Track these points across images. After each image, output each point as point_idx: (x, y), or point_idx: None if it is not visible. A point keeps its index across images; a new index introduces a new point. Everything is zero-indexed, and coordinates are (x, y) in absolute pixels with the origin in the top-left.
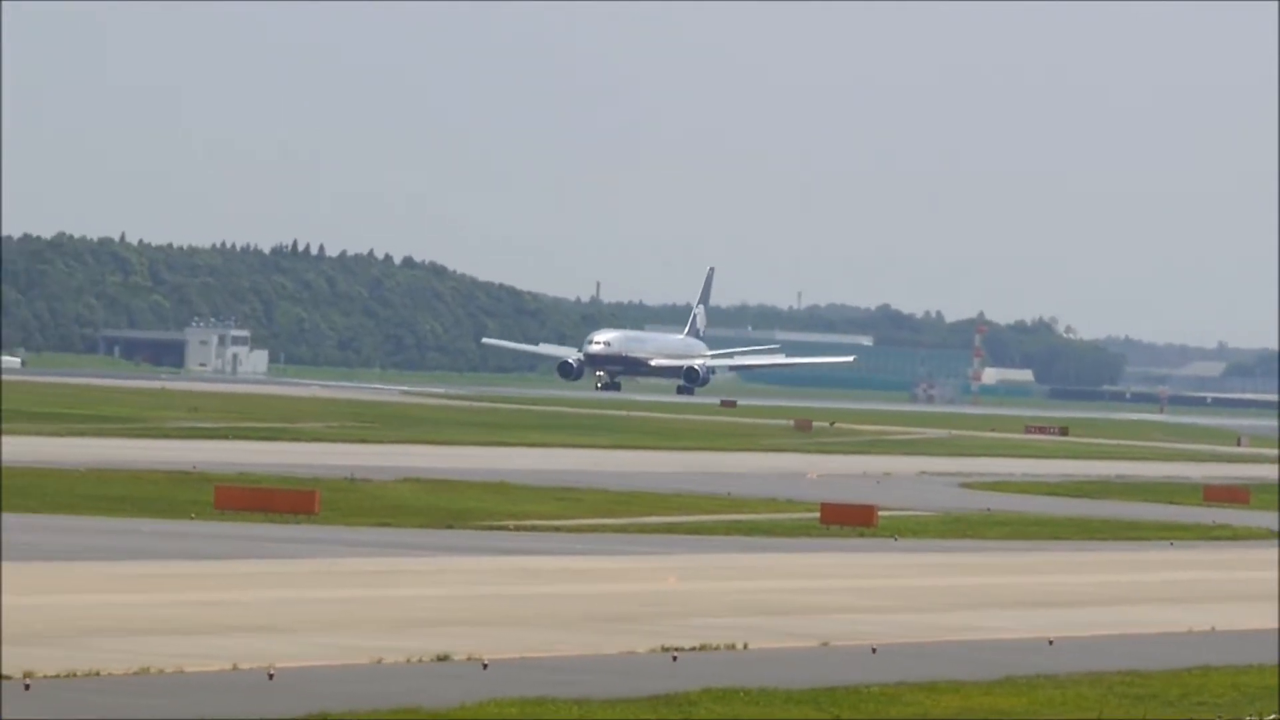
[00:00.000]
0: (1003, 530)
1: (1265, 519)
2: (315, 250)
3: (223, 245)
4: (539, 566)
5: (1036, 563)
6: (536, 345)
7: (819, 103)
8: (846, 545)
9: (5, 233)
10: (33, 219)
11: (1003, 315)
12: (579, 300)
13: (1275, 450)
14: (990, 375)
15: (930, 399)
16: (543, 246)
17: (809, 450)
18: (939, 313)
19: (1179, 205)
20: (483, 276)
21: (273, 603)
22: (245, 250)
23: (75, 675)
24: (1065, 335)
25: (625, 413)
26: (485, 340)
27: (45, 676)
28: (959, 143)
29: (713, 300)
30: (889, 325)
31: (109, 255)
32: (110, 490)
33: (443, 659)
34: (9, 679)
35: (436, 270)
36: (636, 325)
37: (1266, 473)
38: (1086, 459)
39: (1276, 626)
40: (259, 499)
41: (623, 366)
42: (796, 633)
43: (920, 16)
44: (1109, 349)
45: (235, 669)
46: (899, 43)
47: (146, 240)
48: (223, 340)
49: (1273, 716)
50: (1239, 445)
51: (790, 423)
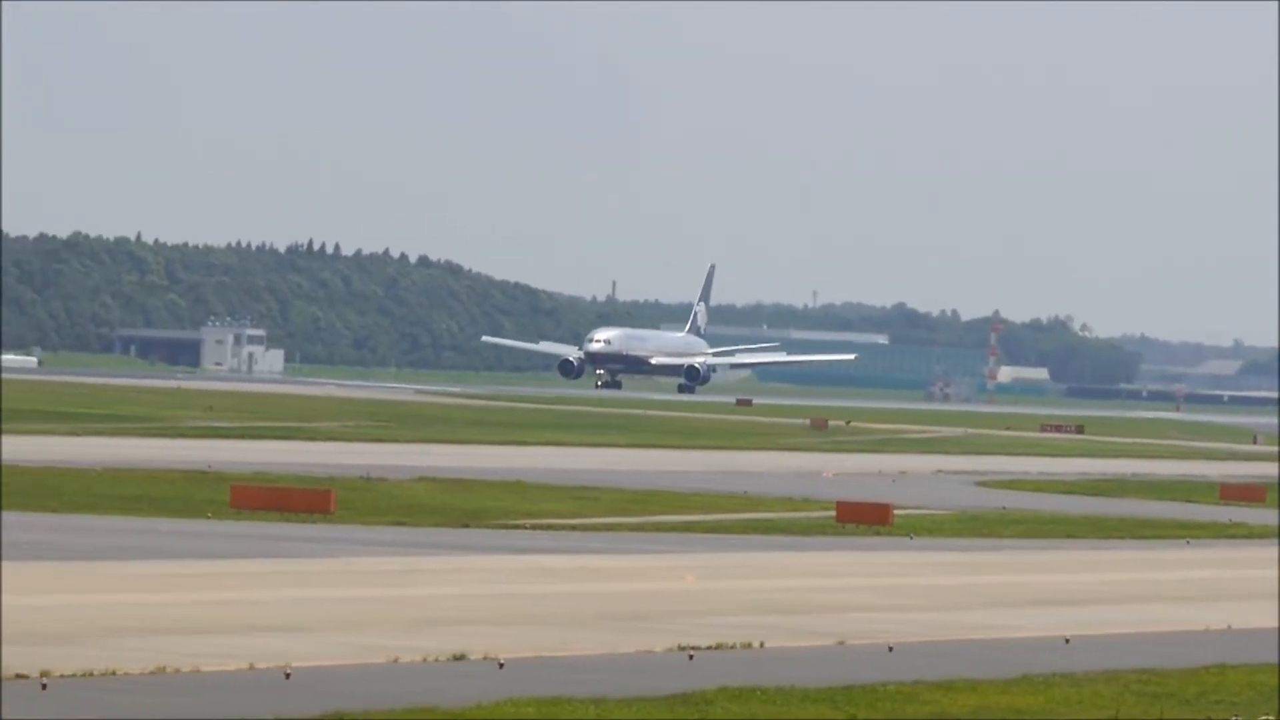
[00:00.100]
0: (1019, 529)
1: None
2: (330, 249)
3: (238, 244)
4: (555, 565)
5: (1052, 561)
6: (536, 343)
7: (834, 101)
8: (862, 544)
9: (21, 232)
10: (49, 219)
11: (1018, 314)
12: (594, 299)
13: None
14: (1006, 374)
15: (946, 397)
16: (558, 245)
17: (825, 449)
18: (954, 311)
19: (1194, 204)
20: (498, 275)
21: (289, 602)
22: (261, 249)
23: (92, 674)
24: (1081, 333)
25: (642, 411)
26: (485, 339)
27: (62, 676)
28: (975, 142)
29: (728, 299)
30: (904, 324)
31: (125, 255)
32: (126, 490)
33: (459, 658)
34: (26, 678)
35: (452, 269)
36: (652, 324)
37: None
38: (1102, 457)
39: None
40: (275, 498)
41: (623, 365)
42: (813, 631)
43: (942, 15)
44: (1124, 347)
45: (252, 668)
46: (916, 42)
47: (162, 240)
48: (238, 339)
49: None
50: (1255, 443)
51: (806, 421)
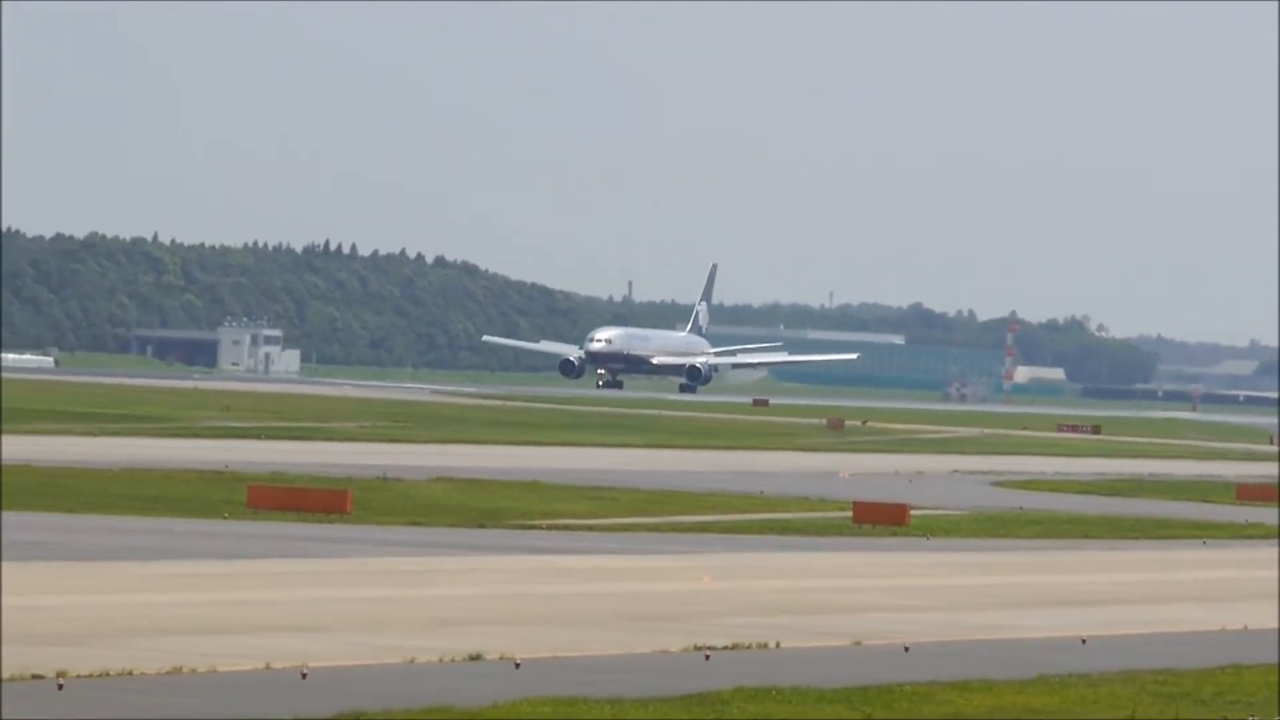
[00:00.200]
0: (1035, 529)
1: None
2: (347, 250)
3: (255, 245)
4: (571, 565)
5: (1069, 561)
6: (537, 343)
7: (850, 101)
8: (879, 544)
9: (37, 232)
10: (65, 219)
11: (1035, 314)
12: (611, 299)
13: None
14: (1022, 374)
15: (962, 398)
16: (574, 246)
17: (841, 449)
18: (971, 311)
19: (1210, 203)
20: (515, 275)
21: (305, 602)
22: (277, 249)
23: (108, 675)
24: (1097, 334)
25: (658, 412)
26: (486, 338)
27: (79, 676)
28: (992, 142)
29: (744, 300)
30: (921, 324)
31: (141, 255)
32: (143, 490)
33: (475, 658)
34: (42, 679)
35: (468, 269)
36: (668, 324)
37: None
38: (1119, 457)
39: None
40: (292, 498)
41: (624, 364)
42: (829, 632)
43: (960, 14)
44: (1141, 347)
45: (268, 668)
46: (936, 42)
47: (179, 240)
48: (255, 340)
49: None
50: (1272, 443)
51: (823, 422)
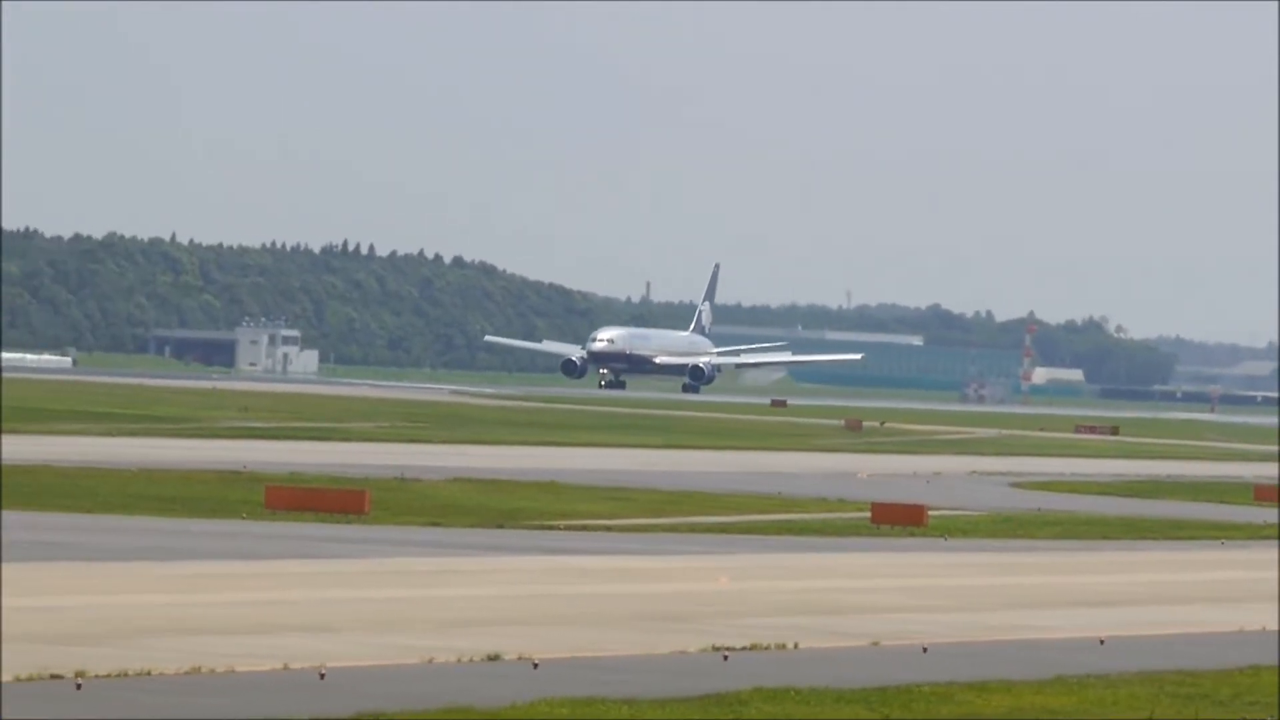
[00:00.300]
0: (1053, 530)
1: None
2: (365, 250)
3: (273, 245)
4: (590, 566)
5: (1087, 562)
6: (539, 342)
7: (867, 101)
8: (897, 545)
9: (56, 232)
10: (84, 219)
11: (1053, 315)
12: (629, 300)
13: None
14: (1040, 375)
15: (980, 399)
16: (593, 246)
17: (859, 450)
18: (989, 312)
19: (1229, 204)
20: (533, 276)
21: (323, 602)
22: (295, 250)
23: (127, 675)
24: (1116, 335)
25: (675, 412)
26: (488, 338)
27: (97, 676)
28: (1011, 142)
29: (762, 300)
30: (939, 325)
31: (160, 255)
32: (161, 490)
33: (493, 659)
34: (61, 679)
35: (486, 270)
36: (686, 325)
37: None
38: (1137, 459)
39: None
40: (309, 499)
41: (626, 364)
42: (847, 632)
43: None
44: (1159, 348)
45: (286, 669)
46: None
47: (197, 240)
48: (273, 340)
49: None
50: None
51: (841, 422)
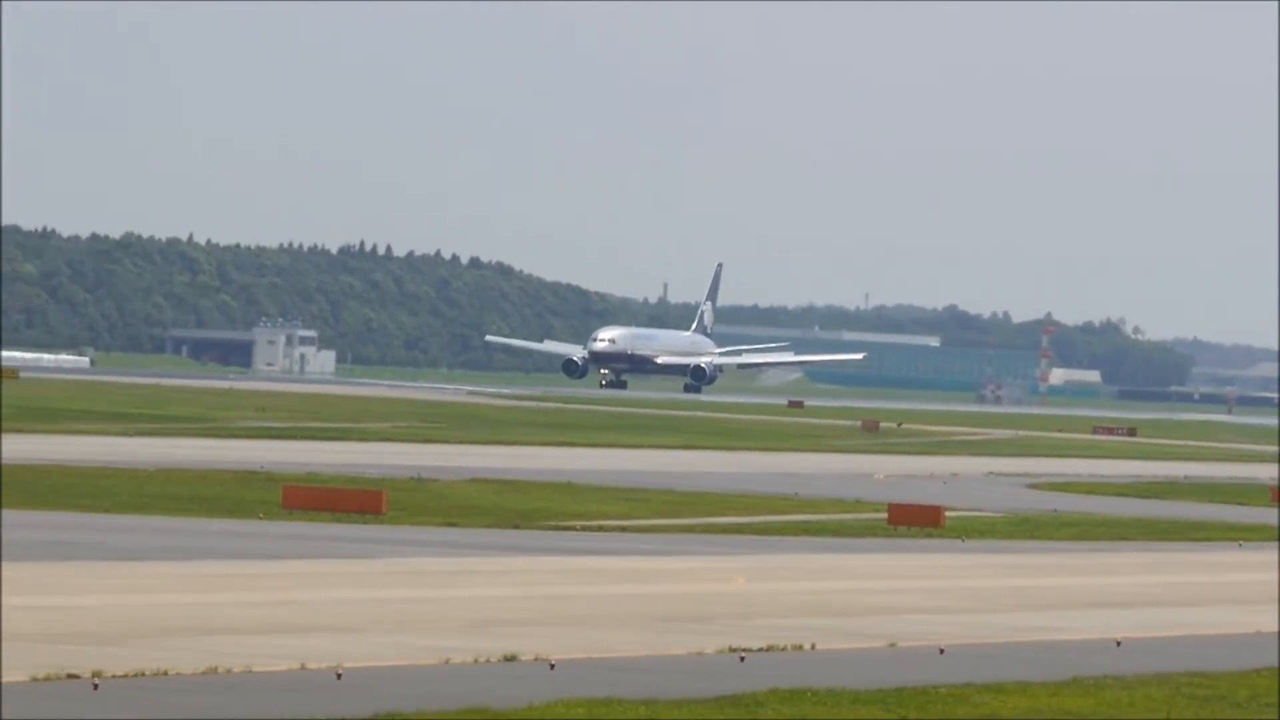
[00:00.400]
0: (1070, 531)
1: None
2: (382, 250)
3: (290, 245)
4: (606, 567)
5: (1104, 563)
6: (540, 342)
7: (884, 102)
8: (914, 546)
9: (73, 232)
10: (101, 219)
11: (1070, 316)
12: (646, 301)
13: None
14: (1057, 376)
15: (997, 400)
16: (610, 247)
17: (876, 451)
18: (1006, 313)
19: (1247, 206)
20: (550, 277)
21: (340, 602)
22: (313, 250)
23: (144, 675)
24: (1133, 336)
25: (691, 413)
26: (489, 338)
27: (114, 676)
28: (1028, 143)
29: (779, 301)
30: (956, 326)
31: (177, 255)
32: (178, 490)
33: (510, 659)
34: (78, 678)
35: (503, 270)
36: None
37: None
38: (1154, 460)
39: None
40: (327, 499)
41: (628, 364)
42: (864, 633)
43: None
44: (1176, 350)
45: (303, 669)
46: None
47: (214, 240)
48: (290, 340)
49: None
50: None
51: (857, 423)
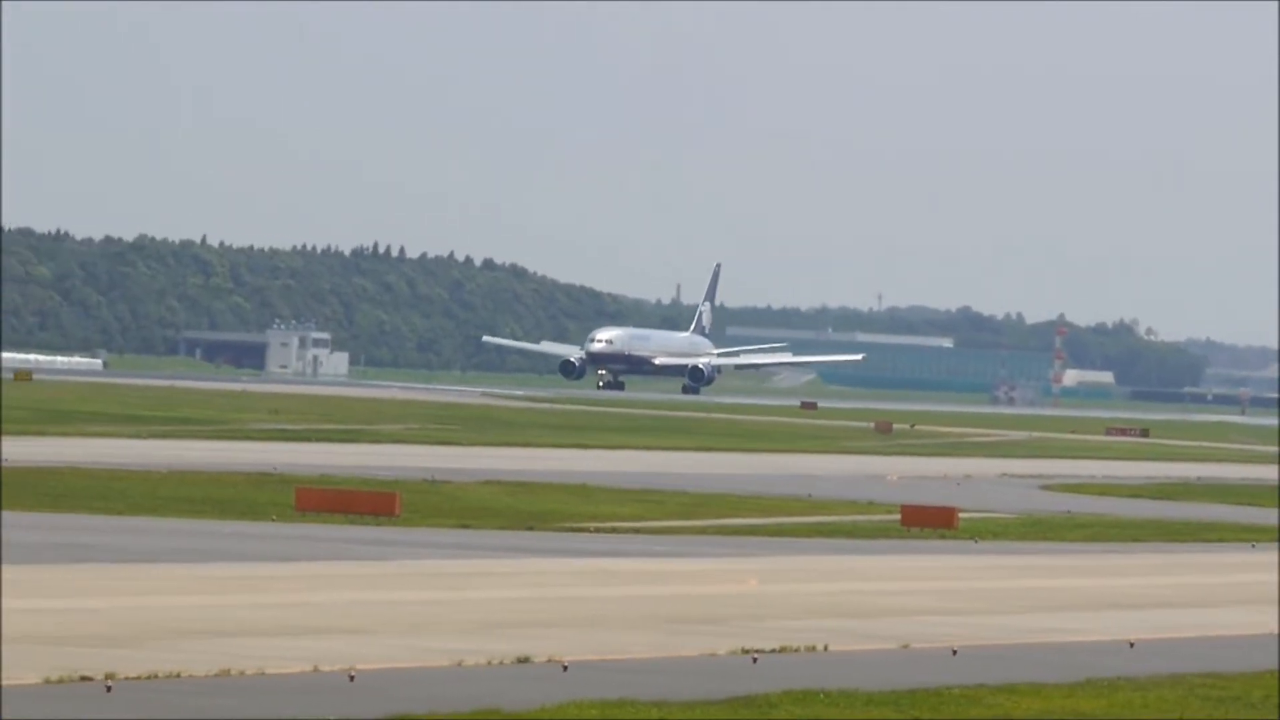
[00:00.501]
0: (1083, 532)
1: None
2: (395, 252)
3: (303, 247)
4: (619, 568)
5: (1117, 565)
6: (538, 343)
7: (898, 103)
8: (927, 547)
9: (86, 234)
10: (115, 221)
11: (1083, 317)
12: (659, 302)
13: None
14: (1071, 377)
15: (1011, 401)
16: (623, 248)
17: (889, 452)
18: (1019, 314)
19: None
20: (563, 278)
21: (353, 604)
22: (326, 252)
23: (157, 676)
24: (1146, 337)
25: (704, 414)
26: (486, 339)
27: (127, 678)
28: (1042, 144)
29: (792, 303)
30: (969, 327)
31: (190, 257)
32: (191, 492)
33: (523, 661)
34: (91, 680)
35: (517, 272)
36: (718, 327)
37: None
38: (1167, 461)
39: None
40: (340, 501)
41: (625, 365)
42: (877, 635)
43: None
44: (1190, 351)
45: (316, 670)
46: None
47: (228, 242)
48: (303, 342)
49: None
50: None
51: (870, 425)
